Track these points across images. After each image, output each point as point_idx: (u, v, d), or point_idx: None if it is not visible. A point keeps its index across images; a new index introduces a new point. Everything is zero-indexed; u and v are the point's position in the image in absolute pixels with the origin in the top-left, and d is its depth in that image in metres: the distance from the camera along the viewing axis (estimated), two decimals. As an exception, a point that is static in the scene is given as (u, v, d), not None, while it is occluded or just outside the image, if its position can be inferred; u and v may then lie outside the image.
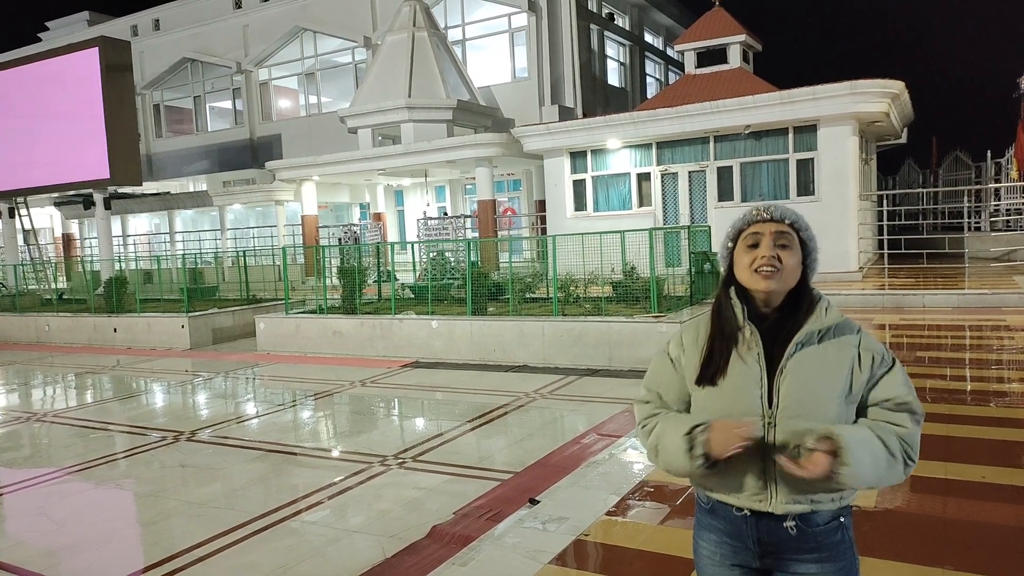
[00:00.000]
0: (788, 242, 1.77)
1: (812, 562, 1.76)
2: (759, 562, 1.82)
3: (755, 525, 1.79)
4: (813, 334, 1.76)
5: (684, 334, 1.93)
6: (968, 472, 4.52)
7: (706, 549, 1.91)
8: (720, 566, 1.87)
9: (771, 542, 1.79)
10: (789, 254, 1.76)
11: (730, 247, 1.85)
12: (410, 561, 4.04)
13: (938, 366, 7.60)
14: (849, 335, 1.79)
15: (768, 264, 1.74)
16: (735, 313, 1.81)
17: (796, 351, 1.75)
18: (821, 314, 1.78)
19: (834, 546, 1.78)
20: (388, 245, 17.51)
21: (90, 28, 30.45)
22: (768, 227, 1.78)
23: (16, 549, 4.69)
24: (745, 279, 1.79)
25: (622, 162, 17.71)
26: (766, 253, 1.75)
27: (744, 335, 1.79)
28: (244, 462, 6.29)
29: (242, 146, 27.57)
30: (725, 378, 1.79)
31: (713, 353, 1.81)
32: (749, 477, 1.76)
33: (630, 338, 9.36)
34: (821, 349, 1.75)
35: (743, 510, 1.80)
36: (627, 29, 25.48)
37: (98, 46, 19.23)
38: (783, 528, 1.76)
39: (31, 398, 10.15)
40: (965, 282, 13.02)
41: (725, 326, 1.81)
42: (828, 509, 1.76)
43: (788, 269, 1.76)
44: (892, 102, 15.32)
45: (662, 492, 4.57)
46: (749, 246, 1.79)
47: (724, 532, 1.85)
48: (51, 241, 31.37)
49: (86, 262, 21.10)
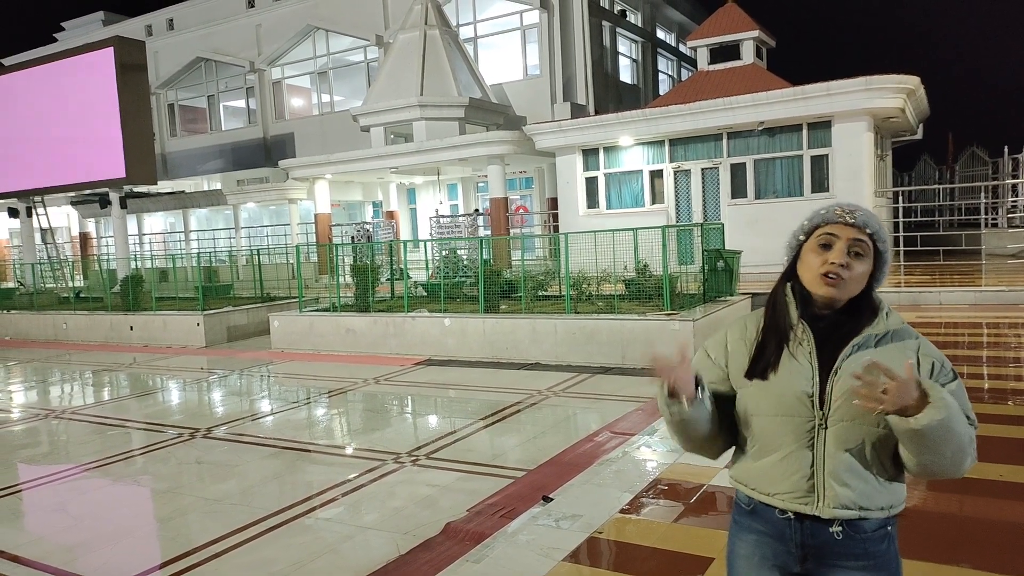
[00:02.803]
0: (863, 251, 1.68)
1: (856, 570, 1.70)
2: (800, 566, 1.75)
3: (799, 529, 1.73)
4: (871, 337, 1.70)
5: (730, 332, 1.87)
6: (985, 471, 4.48)
7: (744, 550, 1.83)
8: (759, 568, 1.79)
9: (814, 546, 1.72)
10: (860, 263, 1.68)
11: (801, 240, 1.76)
12: (424, 558, 4.06)
13: (955, 364, 7.49)
14: (908, 340, 1.73)
15: (836, 272, 1.66)
16: (788, 311, 1.75)
17: (853, 352, 1.69)
18: (882, 318, 1.72)
19: (880, 555, 1.72)
20: (401, 243, 17.56)
21: (105, 28, 30.72)
22: (847, 232, 1.68)
23: (36, 545, 4.75)
24: (808, 280, 1.72)
25: (634, 159, 17.66)
26: (838, 260, 1.66)
27: (796, 333, 1.73)
28: (259, 459, 6.33)
29: (255, 145, 27.72)
30: (776, 373, 1.73)
31: (766, 346, 1.75)
32: (795, 478, 1.71)
33: (643, 336, 9.34)
34: (879, 353, 1.68)
35: (787, 513, 1.73)
36: (639, 26, 25.38)
37: (113, 46, 19.37)
38: (828, 533, 1.70)
39: (49, 395, 10.26)
40: (982, 279, 12.89)
41: (779, 321, 1.76)
42: (877, 517, 1.71)
43: (855, 278, 1.68)
44: (907, 98, 15.18)
45: (676, 490, 4.56)
46: (821, 245, 1.70)
47: (765, 533, 1.78)
48: (68, 240, 31.68)
49: (102, 260, 21.30)
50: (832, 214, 1.71)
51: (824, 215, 1.72)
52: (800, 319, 1.74)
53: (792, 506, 1.72)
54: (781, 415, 1.72)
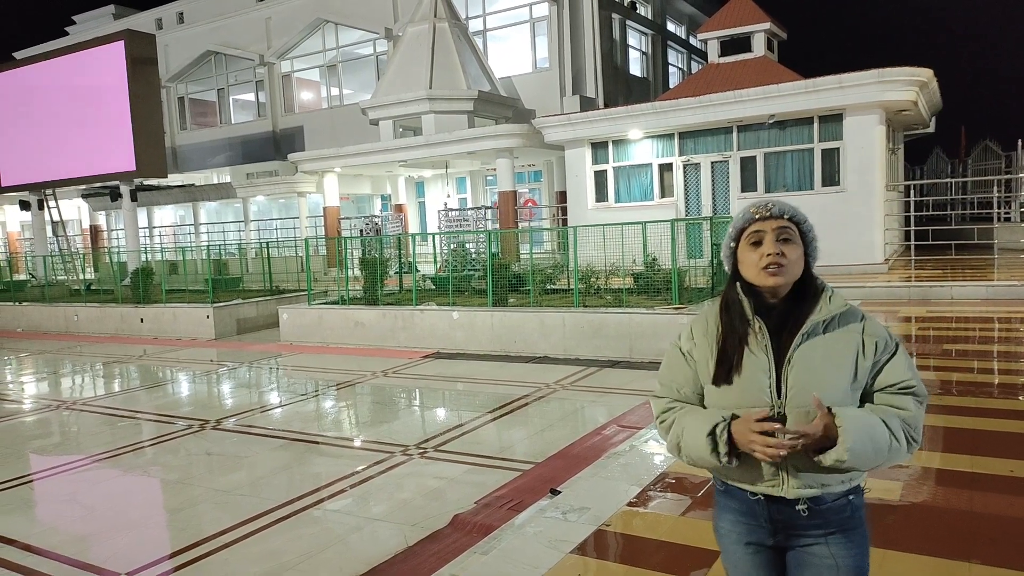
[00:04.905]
0: (790, 235, 1.83)
1: (819, 537, 1.85)
2: (773, 539, 1.91)
3: (767, 507, 1.87)
4: (819, 324, 1.82)
5: (694, 326, 1.98)
6: (995, 466, 4.46)
7: (724, 528, 1.99)
8: (737, 544, 1.96)
9: (783, 521, 1.87)
10: (792, 248, 1.82)
11: (732, 247, 1.90)
12: (432, 549, 4.07)
13: (966, 359, 7.49)
14: (853, 323, 1.84)
15: (774, 262, 1.79)
16: (744, 308, 1.86)
17: (803, 341, 1.81)
18: (825, 303, 1.83)
19: (843, 521, 1.85)
20: (409, 236, 17.58)
21: (116, 22, 30.83)
22: (768, 224, 1.83)
23: (48, 535, 4.80)
24: (752, 277, 1.84)
25: (644, 153, 17.59)
26: (771, 251, 1.80)
27: (753, 328, 1.85)
28: (268, 450, 6.37)
29: (265, 138, 27.79)
30: (739, 375, 1.84)
31: (727, 352, 1.86)
32: (763, 465, 1.82)
33: (651, 330, 9.32)
34: (827, 339, 1.81)
35: (757, 495, 1.88)
36: (649, 18, 25.25)
37: (124, 39, 19.46)
38: (795, 511, 1.84)
39: (60, 386, 10.34)
40: (994, 273, 12.79)
41: (735, 323, 1.86)
42: (837, 491, 1.83)
43: (792, 262, 1.81)
44: (920, 90, 15.04)
45: (683, 483, 4.55)
46: (752, 244, 1.84)
47: (739, 512, 1.93)
48: (79, 232, 31.89)
49: (113, 253, 21.42)
50: (751, 214, 1.87)
51: (745, 217, 1.88)
52: (755, 314, 1.85)
53: (760, 489, 1.86)
54: (744, 406, 1.82)
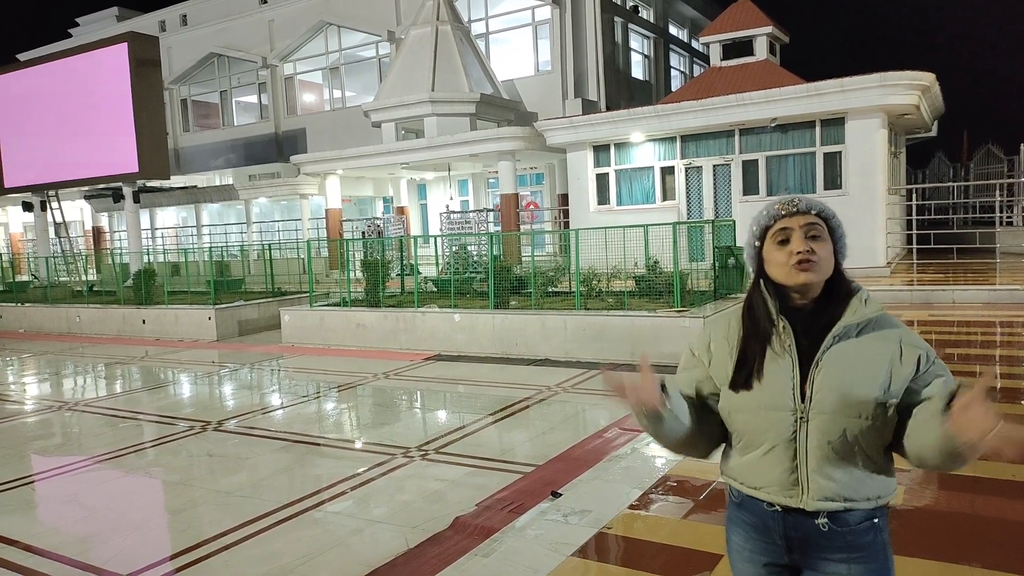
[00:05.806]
0: (819, 232, 1.71)
1: (840, 562, 1.70)
2: (787, 557, 1.77)
3: (783, 521, 1.74)
4: (851, 327, 1.70)
5: (713, 328, 1.89)
6: (998, 470, 4.45)
7: (735, 544, 1.87)
8: (748, 562, 1.83)
9: (798, 538, 1.73)
10: (821, 245, 1.70)
11: (757, 246, 1.78)
12: (433, 551, 4.07)
13: (968, 363, 7.47)
14: (889, 329, 1.72)
15: (806, 258, 1.68)
16: (768, 308, 1.75)
17: (833, 344, 1.69)
18: (860, 306, 1.72)
19: (865, 547, 1.70)
20: (411, 239, 17.58)
21: (119, 24, 30.88)
22: (796, 220, 1.72)
23: (50, 535, 4.80)
24: (781, 276, 1.72)
25: (646, 156, 17.60)
26: (801, 248, 1.69)
27: (777, 328, 1.74)
28: (269, 452, 6.37)
29: (267, 140, 27.82)
30: (759, 380, 1.74)
31: (747, 356, 1.76)
32: (779, 471, 1.72)
33: (653, 333, 9.31)
34: (860, 343, 1.69)
35: (773, 505, 1.75)
36: (651, 21, 25.28)
37: (127, 41, 19.50)
38: (813, 525, 1.70)
39: (62, 387, 10.35)
40: (996, 277, 12.78)
41: (759, 324, 1.76)
42: (863, 508, 1.69)
43: (823, 260, 1.70)
44: (922, 94, 15.04)
45: (685, 487, 4.55)
46: (779, 242, 1.73)
47: (751, 526, 1.80)
48: (81, 234, 31.93)
49: (115, 254, 21.45)
50: (776, 210, 1.75)
51: (770, 214, 1.76)
52: (779, 314, 1.74)
53: (778, 499, 1.73)
54: (764, 410, 1.72)
